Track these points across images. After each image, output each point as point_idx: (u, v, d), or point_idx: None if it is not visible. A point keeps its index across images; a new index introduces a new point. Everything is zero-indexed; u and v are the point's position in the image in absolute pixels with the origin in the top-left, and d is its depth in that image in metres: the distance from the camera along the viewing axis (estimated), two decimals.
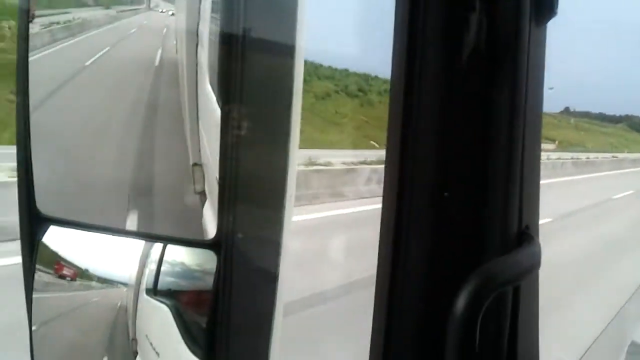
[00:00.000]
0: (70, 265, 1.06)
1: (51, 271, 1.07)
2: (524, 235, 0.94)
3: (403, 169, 0.89)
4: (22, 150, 1.06)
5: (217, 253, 0.91)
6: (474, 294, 0.83)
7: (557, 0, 0.95)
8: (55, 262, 1.06)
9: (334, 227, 11.13)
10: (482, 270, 0.87)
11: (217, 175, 1.28)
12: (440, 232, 0.90)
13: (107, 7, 1.66)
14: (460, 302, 0.83)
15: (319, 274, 7.79)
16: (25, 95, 1.08)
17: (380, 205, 0.92)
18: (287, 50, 0.96)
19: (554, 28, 1.01)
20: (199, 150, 1.52)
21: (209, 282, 0.94)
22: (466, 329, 0.82)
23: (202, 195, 1.42)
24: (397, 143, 0.89)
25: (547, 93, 1.05)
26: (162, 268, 1.01)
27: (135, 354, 1.08)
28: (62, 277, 1.06)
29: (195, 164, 1.53)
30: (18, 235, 1.06)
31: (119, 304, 1.06)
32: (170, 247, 1.01)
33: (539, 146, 1.02)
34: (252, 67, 0.95)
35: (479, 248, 0.91)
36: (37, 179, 1.06)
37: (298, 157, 0.98)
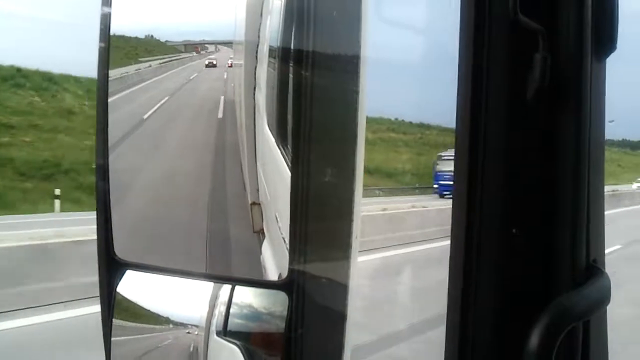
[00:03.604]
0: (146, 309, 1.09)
1: (128, 314, 1.10)
2: (593, 269, 0.93)
3: (470, 206, 0.90)
4: (102, 199, 1.11)
5: (289, 294, 0.93)
6: (547, 329, 0.83)
7: (617, 36, 0.96)
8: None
9: None
10: (554, 304, 0.86)
11: (276, 214, 1.31)
12: (510, 268, 0.91)
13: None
14: (534, 338, 0.82)
15: None
16: (105, 141, 1.12)
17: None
18: (353, 93, 0.98)
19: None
20: (257, 190, 1.55)
21: (278, 323, 0.95)
22: None
23: (261, 233, 1.45)
24: (464, 181, 0.90)
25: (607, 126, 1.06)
26: (231, 310, 1.03)
27: None
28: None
29: (253, 203, 1.56)
30: None
31: (191, 346, 1.08)
32: (238, 288, 1.03)
33: (603, 179, 1.02)
34: (321, 106, 0.97)
35: (548, 282, 0.91)
36: (115, 225, 1.10)
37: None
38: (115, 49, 1.17)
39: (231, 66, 1.69)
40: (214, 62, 1.79)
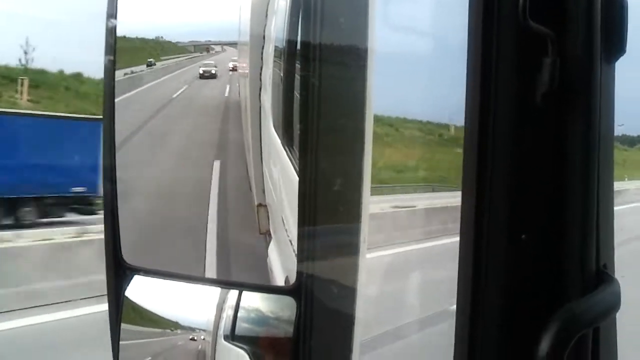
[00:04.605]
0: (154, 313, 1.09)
1: (136, 319, 1.10)
2: (603, 275, 0.93)
3: (479, 212, 0.89)
4: (109, 203, 1.10)
5: (297, 300, 0.93)
6: (557, 336, 0.83)
7: (626, 39, 0.95)
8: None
9: None
10: (564, 311, 0.86)
11: (282, 216, 1.31)
12: (519, 274, 0.90)
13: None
14: (544, 345, 0.82)
15: None
16: (111, 142, 1.12)
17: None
18: (360, 94, 0.98)
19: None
20: (263, 192, 1.55)
21: (286, 327, 0.95)
22: None
23: (267, 235, 1.45)
24: (472, 186, 0.90)
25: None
26: (239, 314, 1.03)
27: None
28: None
29: (259, 205, 1.56)
30: None
31: (199, 350, 1.08)
32: (246, 292, 1.03)
33: (612, 183, 1.01)
34: (328, 108, 0.97)
35: (558, 289, 0.90)
36: (122, 230, 1.10)
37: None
38: (139, 50, 1.17)
39: (234, 69, 1.68)
40: (213, 71, 1.72)
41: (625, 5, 0.92)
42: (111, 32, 1.14)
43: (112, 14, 1.13)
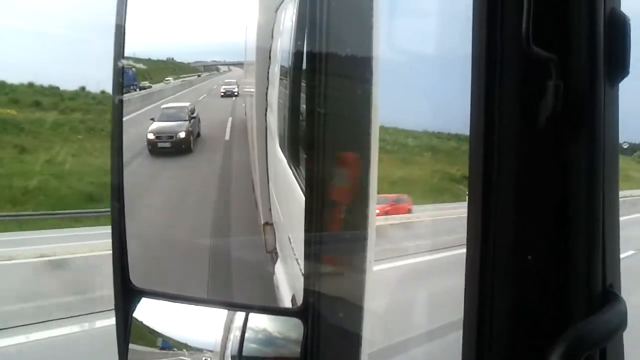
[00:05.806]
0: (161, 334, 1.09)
1: (144, 340, 1.10)
2: (609, 294, 0.93)
3: (485, 233, 0.90)
4: (117, 225, 1.11)
5: (305, 321, 0.93)
6: (564, 358, 0.83)
7: (629, 60, 0.95)
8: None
9: None
10: (570, 332, 0.86)
11: (289, 234, 1.31)
12: (525, 294, 0.90)
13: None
14: None
15: None
16: (119, 161, 1.13)
17: None
18: (365, 115, 0.99)
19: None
20: (270, 210, 1.56)
21: (294, 348, 0.95)
22: None
23: (274, 254, 1.45)
24: (478, 207, 0.90)
25: None
26: (246, 335, 1.03)
27: None
28: None
29: (266, 224, 1.57)
30: None
31: None
32: (253, 314, 1.04)
33: (618, 202, 1.01)
34: (334, 129, 0.98)
35: (564, 309, 0.90)
36: (130, 253, 1.10)
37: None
38: (162, 70, 1.19)
39: (226, 94, 1.70)
40: (182, 135, 1.76)
41: (627, 28, 0.93)
42: (118, 55, 1.16)
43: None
